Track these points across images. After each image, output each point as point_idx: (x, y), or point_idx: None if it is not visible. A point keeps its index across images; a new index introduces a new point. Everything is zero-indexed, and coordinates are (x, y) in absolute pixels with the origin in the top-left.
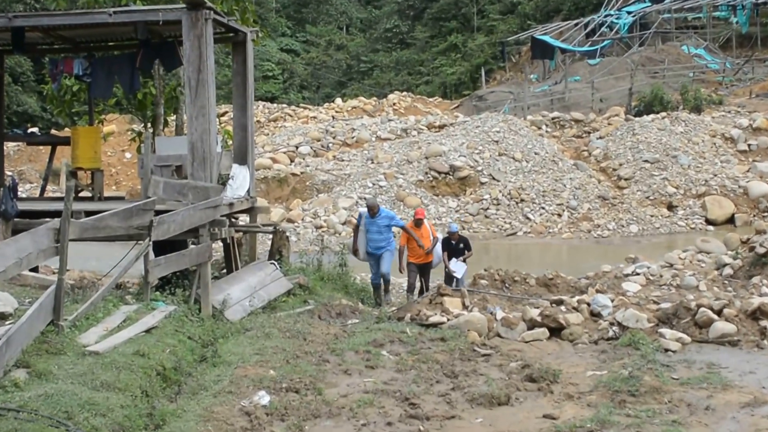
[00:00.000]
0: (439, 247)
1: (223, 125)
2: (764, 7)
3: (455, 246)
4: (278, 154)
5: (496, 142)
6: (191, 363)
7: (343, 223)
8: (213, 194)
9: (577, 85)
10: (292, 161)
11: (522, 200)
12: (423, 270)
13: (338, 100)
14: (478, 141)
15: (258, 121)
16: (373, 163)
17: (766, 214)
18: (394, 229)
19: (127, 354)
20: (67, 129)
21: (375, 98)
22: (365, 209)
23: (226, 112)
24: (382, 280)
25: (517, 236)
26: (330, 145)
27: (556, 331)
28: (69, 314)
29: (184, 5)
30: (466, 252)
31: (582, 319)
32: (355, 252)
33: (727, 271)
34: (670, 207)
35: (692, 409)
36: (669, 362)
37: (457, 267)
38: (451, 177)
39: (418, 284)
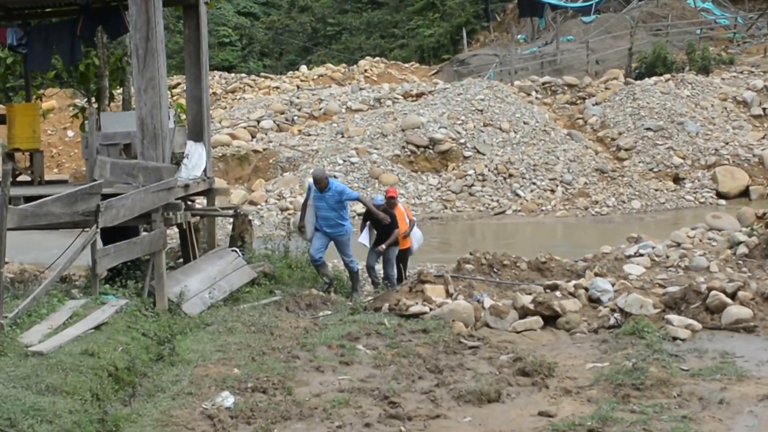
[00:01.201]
0: (417, 230)
1: (175, 98)
2: None
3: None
4: (237, 130)
5: (481, 111)
6: (146, 362)
7: None
8: (166, 175)
9: (569, 46)
10: (253, 137)
11: (510, 175)
12: (400, 257)
13: (303, 68)
14: (461, 110)
15: (214, 93)
16: (343, 137)
17: None
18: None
19: (74, 354)
20: (1, 106)
21: (344, 65)
22: (310, 182)
23: (179, 84)
24: (348, 271)
25: (506, 215)
26: (295, 118)
27: (551, 320)
28: (9, 311)
29: None
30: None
31: (580, 306)
32: (300, 229)
33: (742, 249)
34: (677, 180)
35: (704, 403)
36: (677, 352)
37: (365, 239)
38: (430, 151)
39: (395, 272)
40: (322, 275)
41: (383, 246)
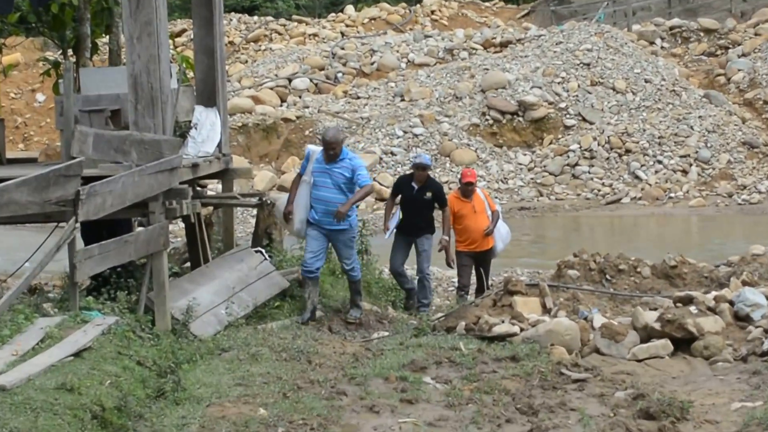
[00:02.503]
0: (502, 225)
1: (179, 50)
2: None
3: (418, 193)
4: (263, 91)
5: (587, 65)
6: (142, 400)
7: None
8: (167, 151)
9: None
10: (283, 101)
11: (628, 151)
12: (481, 260)
13: (349, 9)
14: (560, 65)
15: (231, 43)
16: (403, 100)
17: None
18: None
19: (47, 389)
20: None
21: (404, 4)
22: (314, 147)
23: (184, 31)
24: (347, 281)
25: (622, 204)
26: (339, 75)
27: (684, 344)
28: None
29: None
30: (435, 205)
31: (722, 326)
32: (286, 216)
33: None
34: None
35: None
36: None
37: (393, 222)
38: (520, 119)
39: (474, 280)
40: (308, 297)
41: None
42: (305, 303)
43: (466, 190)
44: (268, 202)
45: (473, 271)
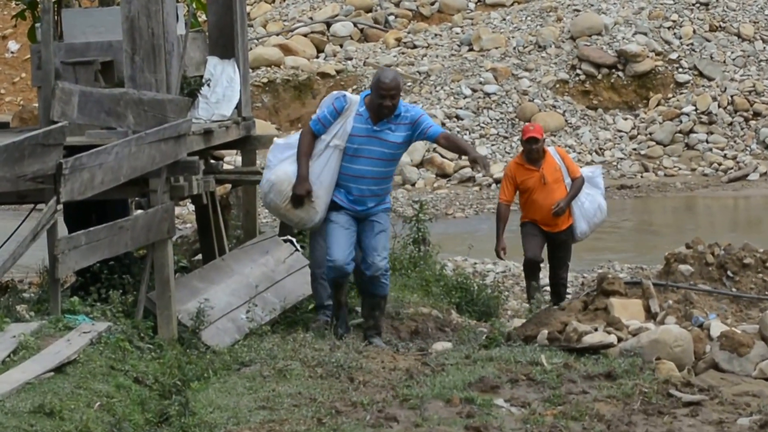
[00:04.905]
0: (589, 196)
1: None
2: None
3: None
4: (294, 39)
5: (706, 5)
6: (141, 427)
7: (420, 165)
8: (173, 114)
9: None
10: (320, 51)
11: (757, 114)
12: (553, 244)
13: None
14: (671, 5)
15: None
16: (471, 50)
17: None
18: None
19: (21, 412)
20: None
21: None
22: (351, 96)
23: None
24: (370, 285)
25: (749, 182)
26: (391, 19)
27: None
28: None
29: None
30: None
31: None
32: (300, 199)
33: None
34: None
35: None
36: None
37: None
38: (620, 74)
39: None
40: (338, 300)
41: None
42: (337, 313)
43: (531, 150)
44: None
45: (543, 245)
